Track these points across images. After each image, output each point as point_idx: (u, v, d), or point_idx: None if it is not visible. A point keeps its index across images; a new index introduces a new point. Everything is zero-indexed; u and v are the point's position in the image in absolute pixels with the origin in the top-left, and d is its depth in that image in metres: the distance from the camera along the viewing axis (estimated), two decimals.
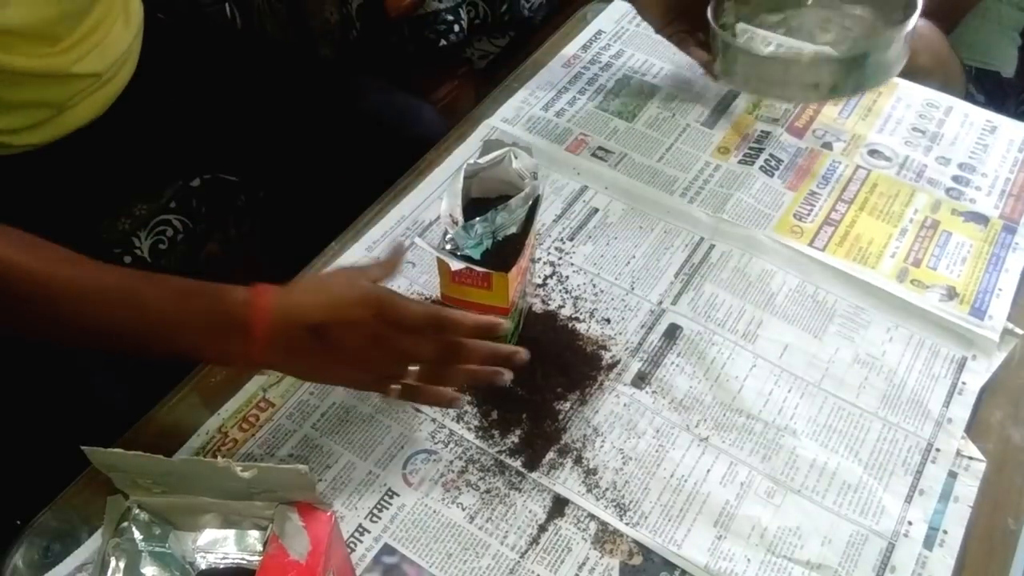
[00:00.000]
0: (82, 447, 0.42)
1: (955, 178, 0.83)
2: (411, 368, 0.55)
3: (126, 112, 0.79)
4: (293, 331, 0.52)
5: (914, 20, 0.76)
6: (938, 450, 0.63)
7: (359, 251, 0.76)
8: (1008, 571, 0.58)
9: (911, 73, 0.93)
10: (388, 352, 0.54)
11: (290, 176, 0.91)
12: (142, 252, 0.74)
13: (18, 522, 0.57)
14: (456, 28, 1.18)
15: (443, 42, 1.18)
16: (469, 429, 0.64)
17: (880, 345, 0.69)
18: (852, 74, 0.77)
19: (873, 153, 0.85)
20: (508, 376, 0.57)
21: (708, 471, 0.62)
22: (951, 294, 0.72)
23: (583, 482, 0.61)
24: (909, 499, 0.60)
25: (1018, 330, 0.69)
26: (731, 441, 0.63)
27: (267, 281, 0.53)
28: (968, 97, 0.97)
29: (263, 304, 0.51)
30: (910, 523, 0.59)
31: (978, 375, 0.67)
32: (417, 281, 0.73)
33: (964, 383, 0.67)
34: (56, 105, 0.73)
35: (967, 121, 0.89)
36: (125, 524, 0.45)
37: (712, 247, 0.76)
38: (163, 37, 0.83)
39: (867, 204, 0.80)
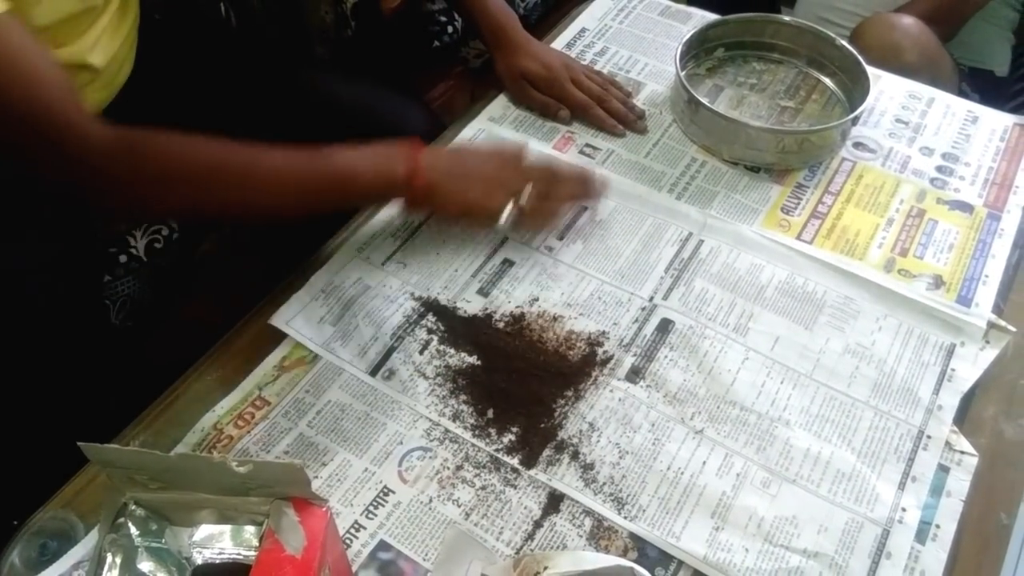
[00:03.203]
0: (79, 443, 0.42)
1: (939, 168, 0.84)
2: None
3: (122, 112, 0.79)
4: (443, 153, 0.78)
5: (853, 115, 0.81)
6: (929, 437, 0.63)
7: (351, 251, 0.76)
8: (1000, 565, 0.58)
9: (899, 70, 0.95)
10: (511, 173, 0.73)
11: None
12: (138, 251, 0.75)
13: (15, 522, 0.57)
14: (449, 29, 1.19)
15: (436, 43, 1.18)
16: (466, 428, 0.64)
17: (870, 335, 0.70)
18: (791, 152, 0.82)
19: (858, 145, 0.86)
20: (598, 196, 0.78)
21: (704, 463, 0.62)
22: (938, 283, 0.73)
23: (581, 477, 0.61)
24: (902, 486, 0.61)
25: (1010, 327, 0.70)
26: (726, 433, 0.63)
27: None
28: (962, 95, 0.99)
29: (418, 144, 0.71)
30: (904, 510, 0.60)
31: (967, 362, 0.68)
32: (409, 282, 0.74)
33: (953, 370, 0.67)
34: None
35: (949, 112, 0.90)
36: (121, 520, 0.45)
37: (701, 242, 0.77)
38: (159, 37, 0.83)
39: (853, 196, 0.81)
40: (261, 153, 0.65)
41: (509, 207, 0.71)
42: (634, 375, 0.67)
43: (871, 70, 0.85)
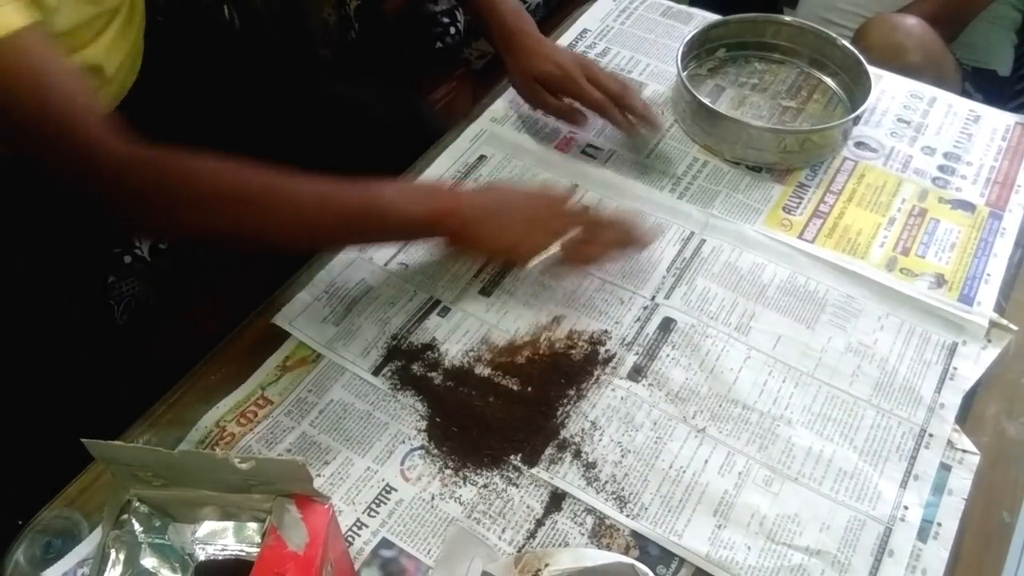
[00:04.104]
0: (83, 440, 0.42)
1: (941, 167, 0.84)
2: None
3: (125, 113, 0.80)
4: (484, 192, 0.75)
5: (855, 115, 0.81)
6: (931, 435, 0.63)
7: (354, 252, 0.76)
8: (1002, 564, 0.58)
9: (903, 70, 0.95)
10: (555, 216, 0.72)
11: None
12: (142, 252, 0.75)
13: (20, 522, 0.57)
14: (452, 31, 1.19)
15: (439, 44, 1.19)
16: None
17: (872, 333, 0.70)
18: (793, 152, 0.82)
19: (859, 145, 0.86)
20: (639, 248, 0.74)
21: (706, 461, 0.62)
22: (939, 281, 0.73)
23: (583, 476, 0.61)
24: (904, 484, 0.61)
25: (1012, 326, 0.70)
26: (728, 431, 0.64)
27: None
28: (965, 95, 0.99)
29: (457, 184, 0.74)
30: (906, 507, 0.60)
31: (969, 360, 0.68)
32: (411, 282, 0.74)
33: (955, 368, 0.67)
34: None
35: (951, 111, 0.90)
36: (125, 516, 0.45)
37: (703, 242, 0.77)
38: (163, 40, 0.83)
39: (855, 195, 0.81)
40: (298, 179, 0.63)
41: (547, 251, 0.69)
42: (636, 374, 0.67)
43: (872, 70, 0.85)
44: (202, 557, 0.47)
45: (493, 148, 0.86)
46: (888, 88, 0.92)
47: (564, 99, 0.84)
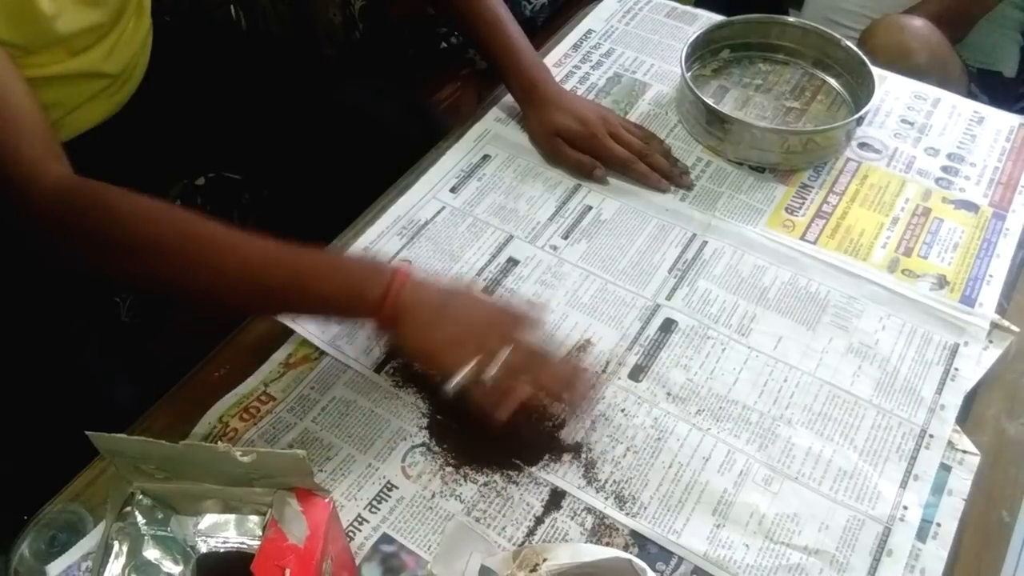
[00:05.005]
0: (87, 432, 0.43)
1: (944, 168, 0.84)
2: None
3: (133, 113, 0.80)
4: (432, 287, 0.62)
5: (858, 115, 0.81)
6: (931, 436, 0.63)
7: (357, 250, 0.77)
8: (1002, 563, 0.58)
9: (909, 71, 0.95)
10: (495, 334, 0.61)
11: (293, 174, 0.92)
12: None
13: (25, 517, 0.58)
14: (456, 31, 1.20)
15: (444, 44, 1.19)
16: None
17: (873, 334, 0.70)
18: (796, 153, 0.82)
19: (863, 146, 0.86)
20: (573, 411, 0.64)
21: (706, 460, 0.62)
22: (941, 283, 0.73)
23: (583, 475, 0.61)
24: (904, 484, 0.61)
25: (1014, 327, 0.70)
26: (728, 430, 0.64)
27: None
28: (971, 96, 0.99)
29: (403, 269, 0.61)
30: (905, 507, 0.60)
31: (970, 361, 0.68)
32: None
33: (956, 369, 0.67)
34: (68, 106, 0.73)
35: (955, 112, 0.90)
36: (128, 509, 0.46)
37: (705, 243, 0.77)
38: (170, 39, 0.84)
39: (858, 196, 0.81)
40: (227, 233, 0.58)
41: (468, 367, 0.59)
42: (637, 373, 0.67)
43: (876, 71, 0.85)
44: (204, 549, 0.47)
45: (497, 148, 0.86)
46: (892, 89, 0.92)
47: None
